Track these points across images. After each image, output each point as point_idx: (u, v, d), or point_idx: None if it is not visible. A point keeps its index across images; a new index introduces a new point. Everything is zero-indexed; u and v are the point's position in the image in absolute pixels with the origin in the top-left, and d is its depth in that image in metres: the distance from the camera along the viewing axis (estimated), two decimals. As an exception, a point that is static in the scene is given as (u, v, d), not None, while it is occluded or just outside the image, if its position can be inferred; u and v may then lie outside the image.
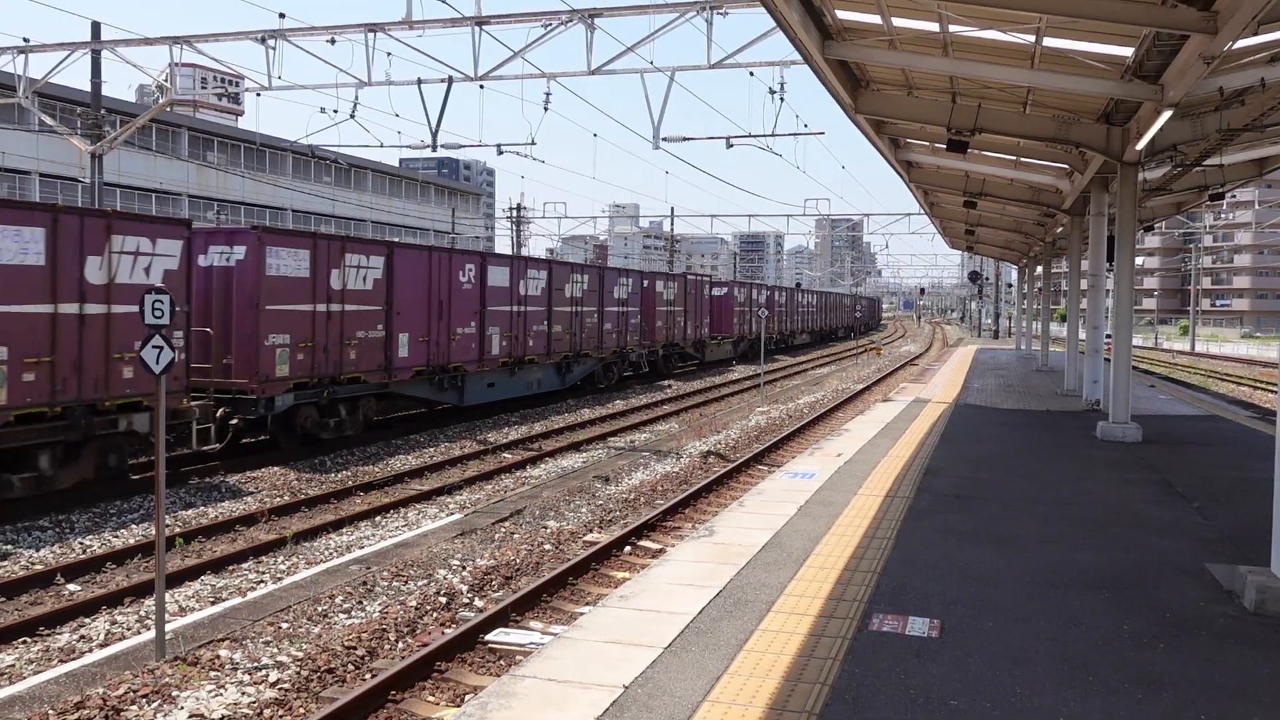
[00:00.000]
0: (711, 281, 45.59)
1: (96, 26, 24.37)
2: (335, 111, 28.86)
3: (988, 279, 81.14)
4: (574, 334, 29.05)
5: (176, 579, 10.79)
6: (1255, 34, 9.91)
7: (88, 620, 9.63)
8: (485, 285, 24.21)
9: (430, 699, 7.66)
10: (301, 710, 7.37)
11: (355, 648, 8.45)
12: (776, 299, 56.02)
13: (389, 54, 40.46)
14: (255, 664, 8.00)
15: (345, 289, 19.19)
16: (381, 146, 28.48)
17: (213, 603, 10.03)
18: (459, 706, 7.49)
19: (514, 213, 58.14)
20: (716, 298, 45.34)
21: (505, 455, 19.15)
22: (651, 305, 36.10)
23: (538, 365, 26.95)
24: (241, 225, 29.04)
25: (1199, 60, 10.42)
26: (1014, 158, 20.28)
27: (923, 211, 34.60)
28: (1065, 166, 19.92)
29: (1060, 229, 28.83)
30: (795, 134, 27.05)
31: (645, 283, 35.73)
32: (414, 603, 9.68)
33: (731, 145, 26.71)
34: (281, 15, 21.97)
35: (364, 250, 19.87)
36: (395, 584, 10.38)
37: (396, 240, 32.79)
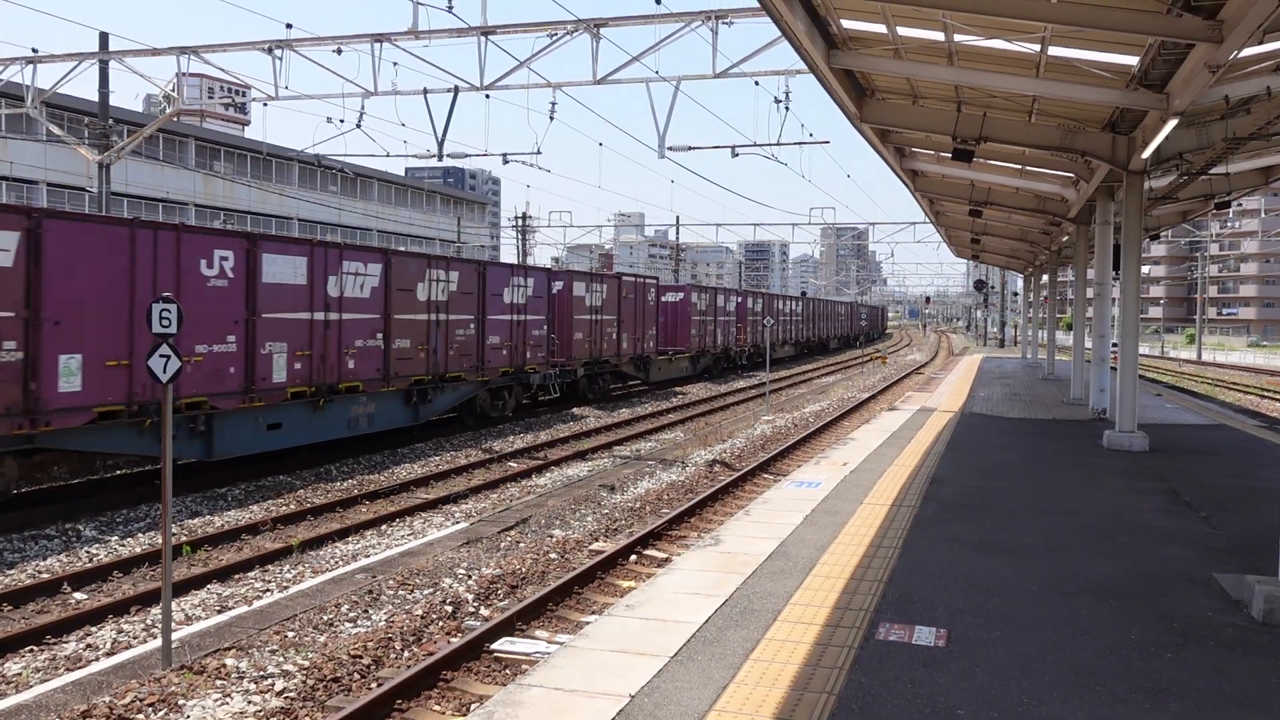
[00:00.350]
0: (660, 285, 37.60)
1: (104, 37, 24.50)
2: (341, 121, 29.00)
3: (993, 288, 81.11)
4: (433, 350, 21.40)
5: (183, 587, 10.80)
6: (1261, 43, 9.92)
7: (94, 629, 9.64)
8: (256, 281, 16.56)
9: (436, 708, 7.66)
10: (307, 719, 7.37)
11: (361, 657, 8.45)
12: (750, 306, 48.66)
13: (395, 64, 40.69)
14: (261, 673, 8.00)
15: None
16: (387, 156, 28.52)
17: (219, 611, 10.03)
18: (465, 716, 7.48)
19: (519, 222, 58.25)
20: (669, 304, 38.23)
21: (511, 464, 19.15)
22: (567, 313, 28.58)
23: (366, 395, 19.41)
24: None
25: (1204, 69, 10.43)
26: (1019, 166, 20.29)
27: (928, 220, 34.60)
28: (1071, 175, 19.92)
29: (1066, 238, 28.81)
30: (800, 143, 27.09)
31: (557, 284, 28.13)
32: (420, 611, 9.68)
33: (737, 154, 26.76)
34: (288, 25, 22.08)
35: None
36: (401, 593, 10.38)
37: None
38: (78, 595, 10.73)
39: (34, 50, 25.00)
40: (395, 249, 21.23)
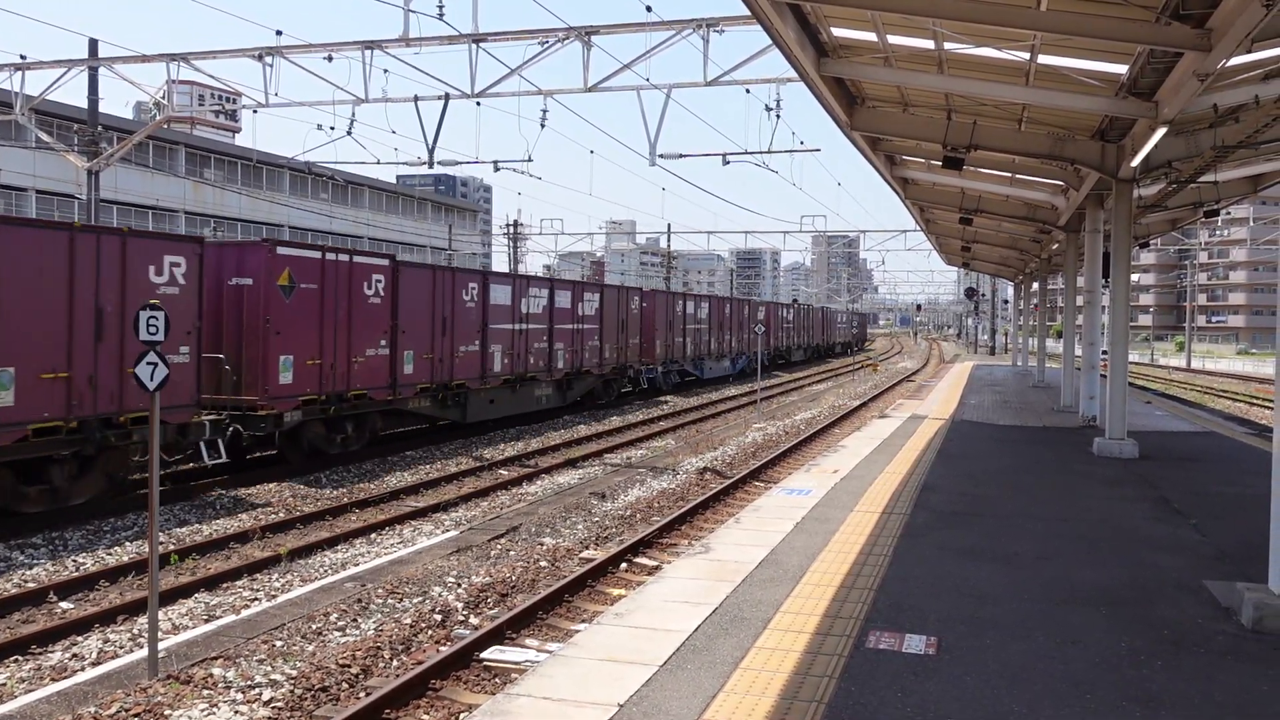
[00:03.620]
0: (584, 284, 31.22)
1: (94, 44, 24.43)
2: (332, 128, 28.94)
3: (984, 295, 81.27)
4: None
5: (170, 596, 10.73)
6: (1249, 51, 9.95)
7: (80, 638, 9.56)
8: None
9: (425, 717, 7.61)
10: (295, 729, 7.31)
11: (350, 666, 8.39)
12: (681, 309, 39.17)
13: (386, 71, 40.60)
14: (249, 682, 7.95)
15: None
16: (378, 163, 28.46)
17: (206, 620, 9.97)
18: (453, 725, 7.44)
19: (511, 229, 58.22)
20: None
21: (501, 472, 19.10)
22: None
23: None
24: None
25: (1193, 77, 10.47)
26: (1009, 174, 20.34)
27: (919, 228, 34.68)
28: (1061, 183, 19.98)
29: (1056, 245, 28.90)
30: (791, 151, 27.11)
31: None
32: (409, 620, 9.63)
33: (728, 162, 26.76)
34: (279, 32, 22.04)
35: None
36: (390, 601, 10.33)
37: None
38: (64, 604, 10.65)
39: (22, 57, 24.92)
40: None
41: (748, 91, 22.43)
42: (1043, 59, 12.22)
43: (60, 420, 13.71)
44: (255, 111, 24.27)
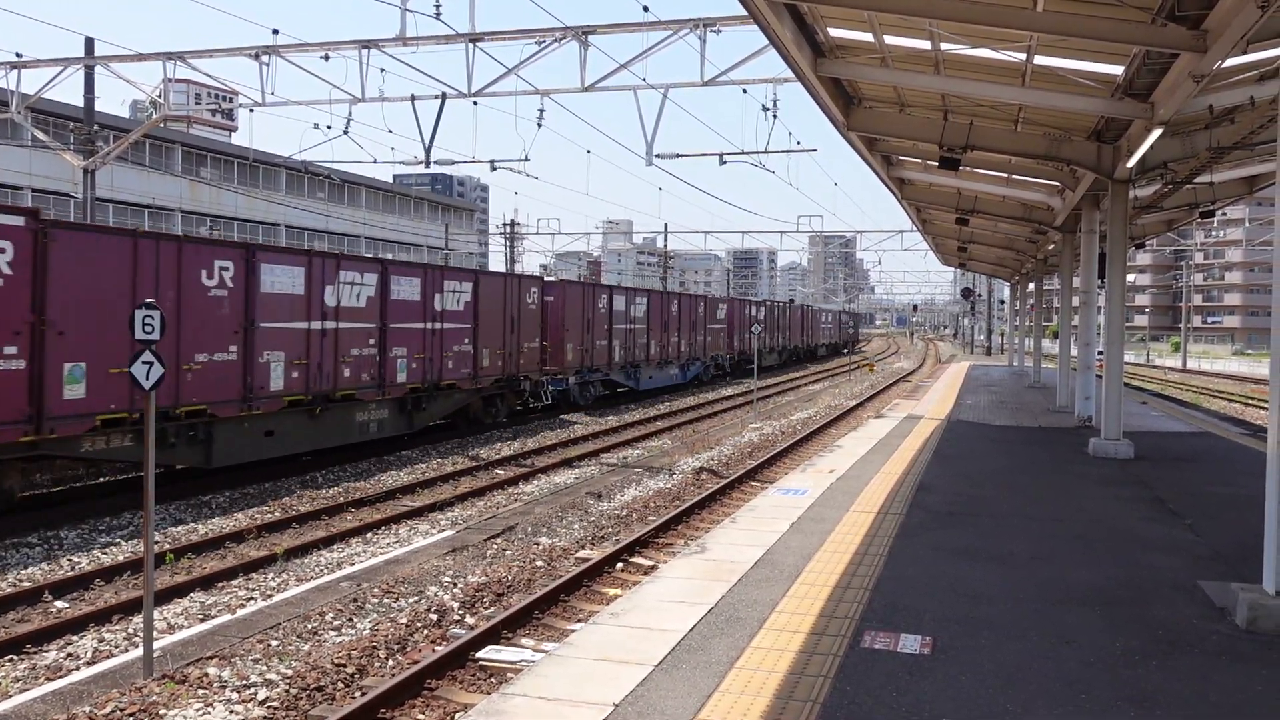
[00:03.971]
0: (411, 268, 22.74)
1: (90, 42, 24.39)
2: (329, 127, 28.84)
3: (980, 296, 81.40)
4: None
5: (165, 596, 10.72)
6: (1244, 53, 9.97)
7: (75, 638, 9.55)
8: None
9: (421, 717, 7.61)
10: (290, 729, 7.31)
11: (345, 665, 8.39)
12: (607, 306, 32.16)
13: (383, 70, 40.41)
14: (244, 682, 7.94)
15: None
16: (375, 162, 28.55)
17: (201, 620, 9.96)
18: (449, 725, 7.44)
19: (508, 229, 58.20)
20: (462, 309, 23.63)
21: (498, 471, 19.10)
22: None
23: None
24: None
25: (1189, 78, 10.48)
26: (1006, 175, 20.36)
27: (915, 228, 34.70)
28: (1057, 184, 20.00)
29: (1052, 246, 28.93)
30: (788, 151, 27.14)
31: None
32: (405, 620, 9.63)
33: (725, 162, 26.78)
34: (275, 31, 22.02)
35: None
36: (386, 601, 10.32)
37: None
38: (59, 604, 10.64)
39: (19, 55, 24.88)
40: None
41: (744, 91, 22.43)
42: (1039, 60, 12.23)
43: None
44: (252, 110, 24.25)
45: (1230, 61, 10.19)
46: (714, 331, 43.85)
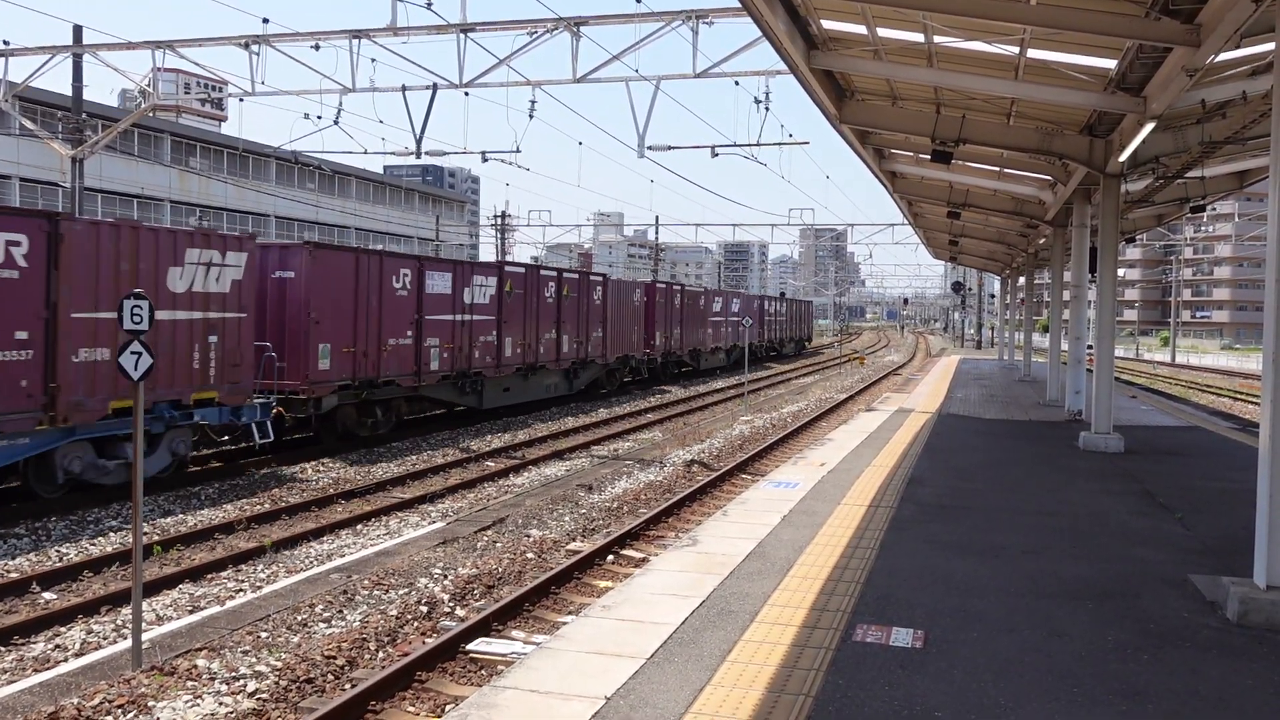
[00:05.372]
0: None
1: (78, 30, 24.22)
2: (319, 117, 28.83)
3: (971, 289, 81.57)
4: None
5: (154, 587, 10.67)
6: (1238, 47, 9.96)
7: (63, 629, 9.50)
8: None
9: (411, 709, 7.58)
10: (280, 721, 7.28)
11: (335, 657, 8.36)
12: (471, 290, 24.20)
13: (373, 60, 40.41)
14: (233, 674, 7.90)
15: None
16: (365, 153, 28.33)
17: (191, 611, 9.91)
18: (440, 717, 7.42)
19: (498, 220, 58.08)
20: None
21: (488, 463, 19.06)
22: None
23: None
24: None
25: (1181, 73, 10.48)
26: (998, 169, 20.37)
27: (907, 222, 34.72)
28: (1048, 178, 20.02)
29: (1043, 240, 28.97)
30: (780, 143, 27.11)
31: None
32: (395, 612, 9.60)
33: (716, 154, 26.74)
34: (265, 20, 21.89)
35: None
36: (376, 593, 10.30)
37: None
38: (47, 595, 10.58)
39: (6, 43, 24.69)
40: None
41: (737, 84, 22.40)
42: (1032, 53, 12.22)
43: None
44: (241, 100, 24.10)
45: (1223, 56, 10.19)
46: (582, 321, 31.18)
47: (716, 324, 46.74)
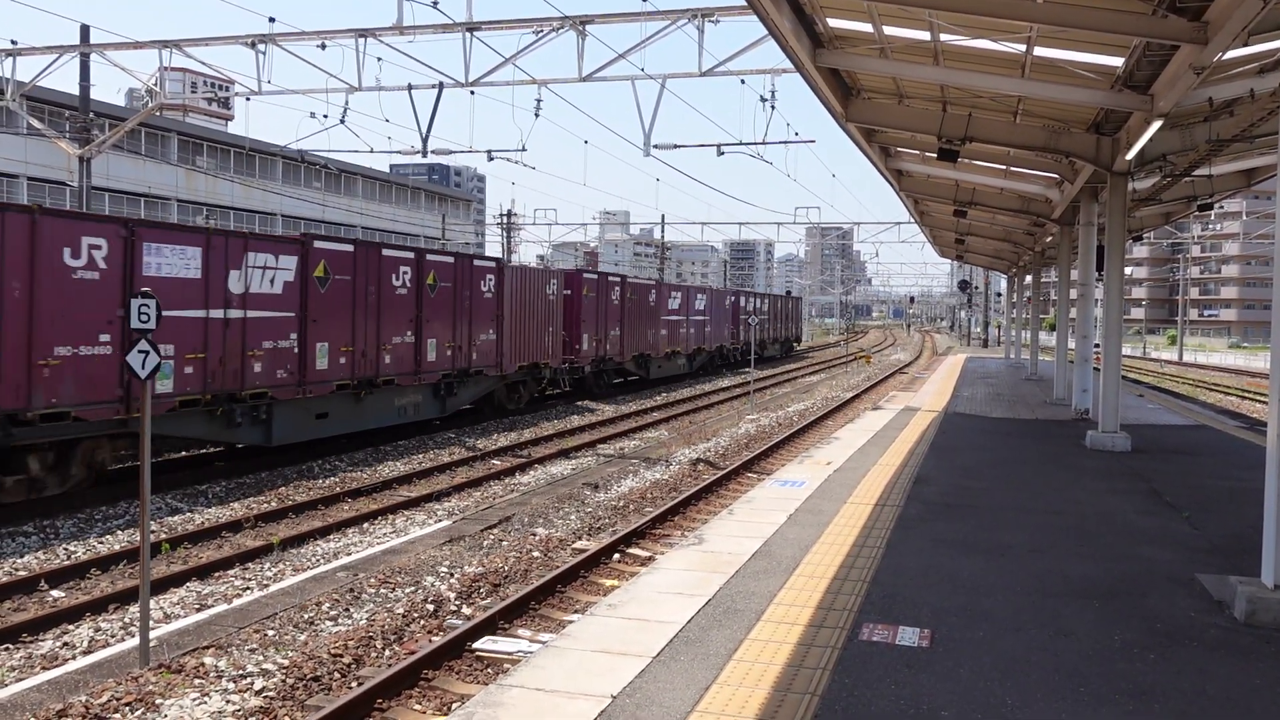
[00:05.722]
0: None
1: (85, 30, 24.28)
2: (325, 117, 28.86)
3: (977, 288, 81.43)
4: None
5: (162, 585, 10.70)
6: (1245, 45, 9.94)
7: (71, 627, 9.54)
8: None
9: (417, 708, 7.60)
10: (287, 719, 7.30)
11: (342, 655, 8.38)
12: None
13: (379, 59, 40.43)
14: (240, 672, 7.92)
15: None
16: (372, 152, 28.35)
17: (198, 610, 9.94)
18: (446, 716, 7.43)
19: (504, 219, 58.10)
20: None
21: (494, 462, 19.08)
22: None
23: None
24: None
25: (1189, 70, 10.45)
26: (1004, 167, 20.33)
27: (913, 220, 34.66)
28: (1055, 176, 19.97)
29: (1050, 238, 28.91)
30: (786, 142, 27.14)
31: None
32: (401, 610, 9.61)
33: (722, 153, 26.73)
34: (271, 20, 21.93)
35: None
36: (383, 591, 10.31)
37: None
38: (55, 593, 10.62)
39: (13, 42, 24.76)
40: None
41: (743, 82, 22.39)
42: (1039, 51, 12.19)
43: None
44: (248, 99, 24.14)
45: (1231, 54, 10.16)
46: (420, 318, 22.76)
47: (673, 324, 39.04)
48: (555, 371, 29.04)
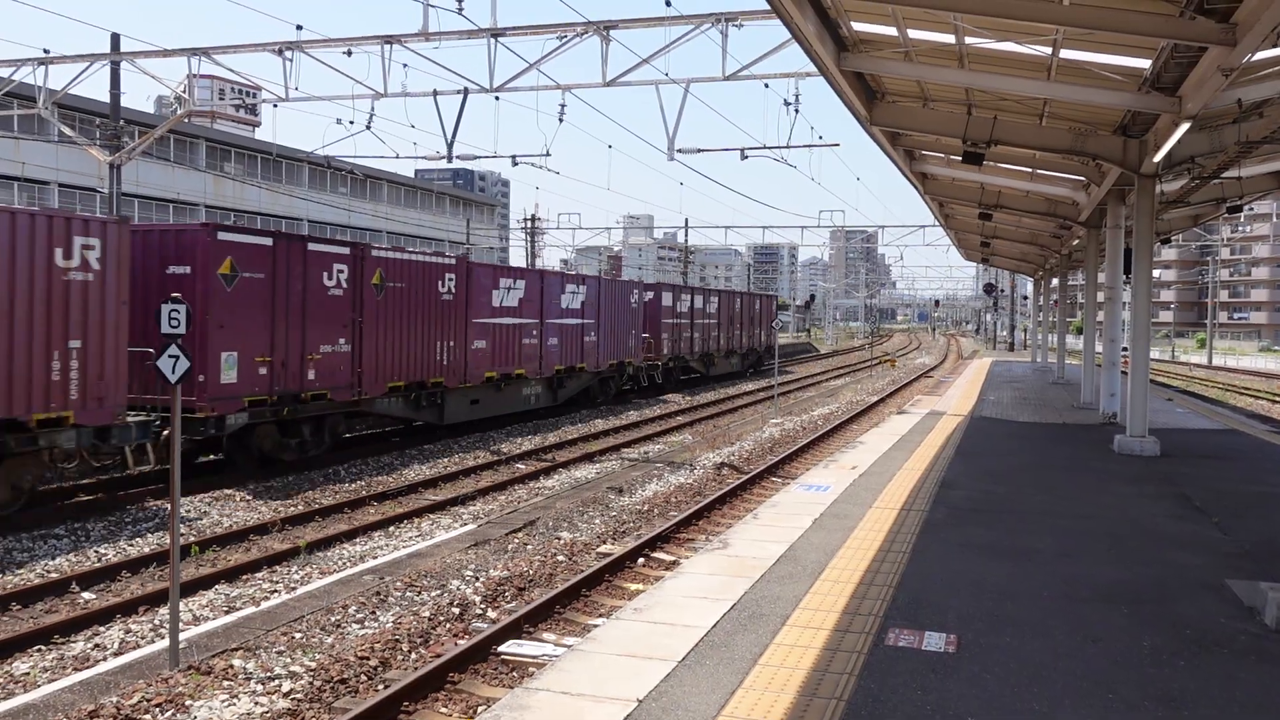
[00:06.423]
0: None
1: (116, 38, 24.56)
2: (351, 123, 29.04)
3: (1003, 291, 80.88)
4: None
5: (191, 588, 10.81)
6: (1275, 46, 9.85)
7: (102, 628, 9.64)
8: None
9: (443, 710, 7.64)
10: (314, 721, 7.35)
11: (368, 658, 8.43)
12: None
13: (405, 65, 40.66)
14: (268, 674, 7.99)
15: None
16: (397, 157, 28.64)
17: (226, 612, 10.03)
18: (472, 719, 7.46)
19: (528, 223, 58.28)
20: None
21: (519, 466, 19.14)
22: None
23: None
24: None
25: (1217, 72, 10.37)
26: (1030, 170, 20.21)
27: (938, 223, 34.51)
28: (1081, 179, 19.84)
29: (1076, 241, 28.71)
30: (810, 145, 27.04)
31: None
32: (427, 613, 9.66)
33: (746, 157, 26.69)
34: (299, 27, 22.11)
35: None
36: (408, 594, 10.37)
37: None
38: (86, 595, 10.74)
39: (45, 51, 25.08)
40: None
41: (766, 86, 22.37)
42: (1065, 53, 12.13)
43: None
44: (275, 106, 24.33)
45: (1260, 55, 10.07)
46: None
47: (518, 331, 25.23)
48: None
